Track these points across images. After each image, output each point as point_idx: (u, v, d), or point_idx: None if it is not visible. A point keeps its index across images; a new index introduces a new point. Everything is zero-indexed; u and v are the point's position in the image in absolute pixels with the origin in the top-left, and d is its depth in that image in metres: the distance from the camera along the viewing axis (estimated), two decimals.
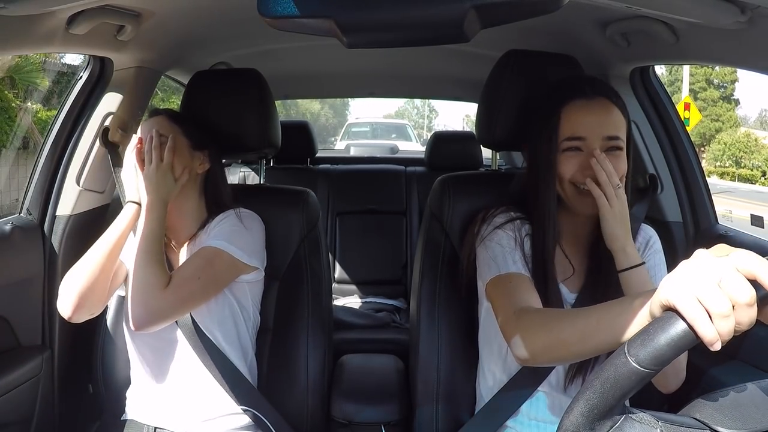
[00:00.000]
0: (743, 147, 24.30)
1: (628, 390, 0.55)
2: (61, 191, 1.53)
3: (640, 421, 0.57)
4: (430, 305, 1.28)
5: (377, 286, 2.57)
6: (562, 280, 1.13)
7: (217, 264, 1.19)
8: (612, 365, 0.55)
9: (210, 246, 1.20)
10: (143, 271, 1.14)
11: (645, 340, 0.54)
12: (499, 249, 1.09)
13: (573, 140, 1.06)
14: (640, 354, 0.54)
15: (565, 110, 1.08)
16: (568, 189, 1.07)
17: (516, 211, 1.15)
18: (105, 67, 1.52)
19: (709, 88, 28.56)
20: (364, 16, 0.78)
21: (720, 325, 0.53)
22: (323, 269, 1.40)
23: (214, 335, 1.24)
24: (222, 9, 1.50)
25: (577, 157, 1.06)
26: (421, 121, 45.87)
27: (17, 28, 1.07)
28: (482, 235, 1.13)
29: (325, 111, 30.12)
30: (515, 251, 1.09)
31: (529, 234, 1.12)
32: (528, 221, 1.13)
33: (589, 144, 1.05)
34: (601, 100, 1.07)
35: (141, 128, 1.28)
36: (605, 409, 0.56)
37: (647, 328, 0.56)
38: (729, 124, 27.82)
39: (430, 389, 1.25)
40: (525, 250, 1.10)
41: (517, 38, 1.52)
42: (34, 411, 1.43)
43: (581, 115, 1.06)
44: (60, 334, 1.51)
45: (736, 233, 1.48)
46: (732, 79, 28.21)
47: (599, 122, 1.06)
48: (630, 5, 1.07)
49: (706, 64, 1.74)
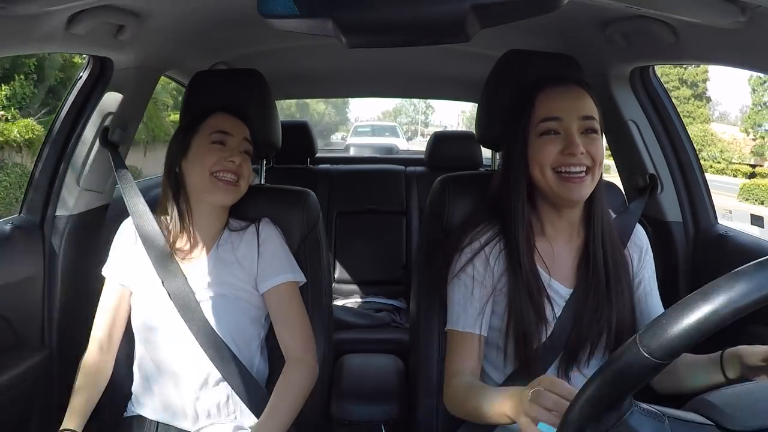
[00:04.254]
0: (701, 141, 27.73)
1: (638, 381, 0.54)
2: (61, 191, 1.53)
3: (647, 414, 0.56)
4: (430, 305, 1.28)
5: (377, 286, 2.56)
6: (556, 277, 1.13)
7: (296, 293, 1.30)
8: (623, 356, 0.55)
9: (282, 284, 1.28)
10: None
11: (657, 331, 0.54)
12: (460, 297, 1.13)
13: (549, 121, 1.07)
14: (653, 344, 0.53)
15: (539, 96, 1.09)
16: (551, 177, 1.07)
17: (491, 220, 1.15)
18: (105, 67, 1.52)
19: (681, 87, 30.50)
20: (365, 16, 0.78)
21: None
22: (323, 269, 1.40)
23: (227, 335, 1.23)
24: (222, 9, 1.50)
25: (555, 141, 1.07)
26: (418, 117, 46.21)
27: (17, 28, 1.07)
28: (452, 271, 1.15)
29: (329, 110, 33.37)
30: (473, 301, 1.12)
31: (502, 249, 1.12)
32: (498, 227, 1.14)
33: (566, 125, 1.06)
34: (575, 87, 1.09)
35: (222, 122, 1.27)
36: (613, 400, 0.55)
37: (659, 319, 0.55)
38: (700, 120, 30.18)
39: (430, 389, 1.25)
40: (495, 271, 1.12)
41: (517, 38, 1.52)
42: (34, 411, 1.43)
43: (555, 97, 1.08)
44: (60, 334, 1.51)
45: (735, 233, 1.49)
46: (703, 78, 30.09)
47: (574, 104, 1.07)
48: (630, 5, 1.06)
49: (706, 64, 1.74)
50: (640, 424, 0.56)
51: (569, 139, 1.05)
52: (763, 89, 27.55)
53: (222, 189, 1.24)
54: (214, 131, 1.26)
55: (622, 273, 1.14)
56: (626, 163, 1.64)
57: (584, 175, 1.06)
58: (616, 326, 1.11)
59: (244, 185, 1.27)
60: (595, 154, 1.06)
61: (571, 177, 1.05)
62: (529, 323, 1.08)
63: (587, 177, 1.06)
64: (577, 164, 1.05)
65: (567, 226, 1.15)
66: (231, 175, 1.23)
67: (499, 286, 1.13)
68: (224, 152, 1.24)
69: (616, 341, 1.11)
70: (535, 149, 1.08)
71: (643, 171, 1.58)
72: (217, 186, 1.23)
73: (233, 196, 1.26)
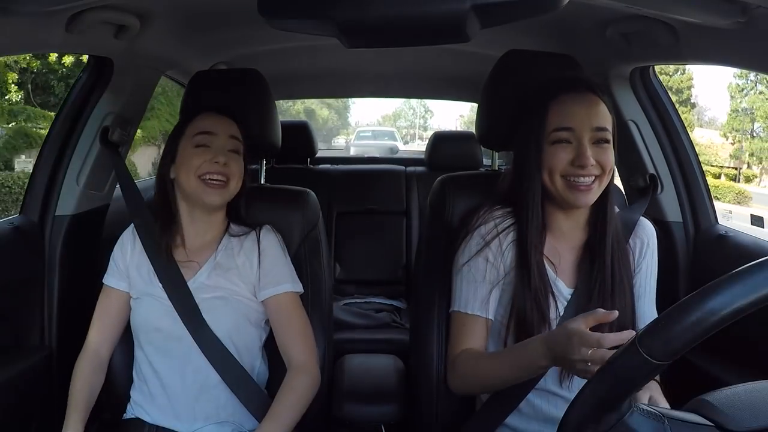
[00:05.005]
0: None
1: (638, 382, 0.54)
2: (61, 191, 1.53)
3: (646, 415, 0.56)
4: (430, 305, 1.28)
5: (377, 286, 2.56)
6: (560, 276, 1.14)
7: (297, 302, 1.29)
8: (622, 357, 0.55)
9: (280, 294, 1.26)
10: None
11: (657, 332, 0.54)
12: (470, 279, 1.14)
13: (561, 131, 1.08)
14: (652, 345, 0.53)
15: (553, 103, 1.09)
16: (559, 183, 1.08)
17: (502, 209, 1.16)
18: (105, 67, 1.52)
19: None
20: (365, 17, 0.78)
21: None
22: (323, 269, 1.40)
23: (226, 339, 1.23)
24: (222, 9, 1.50)
25: (566, 150, 1.07)
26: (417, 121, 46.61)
27: (17, 28, 1.07)
28: (463, 254, 1.16)
29: (331, 115, 36.13)
30: (484, 284, 1.13)
31: (514, 238, 1.13)
32: (513, 218, 1.14)
33: (578, 135, 1.07)
34: (589, 95, 1.09)
35: (205, 122, 1.24)
36: (613, 401, 0.55)
37: (659, 320, 0.55)
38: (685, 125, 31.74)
39: (430, 389, 1.25)
40: (506, 261, 1.13)
41: (517, 38, 1.52)
42: (34, 411, 1.43)
43: (570, 107, 1.08)
44: (60, 334, 1.51)
45: (735, 233, 1.48)
46: (688, 86, 30.56)
47: (587, 114, 1.07)
48: (630, 5, 1.07)
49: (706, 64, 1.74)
50: (640, 424, 0.56)
51: (580, 151, 1.06)
52: (741, 96, 28.26)
53: (210, 192, 1.22)
54: (197, 133, 1.23)
55: (625, 274, 1.14)
56: (626, 163, 1.64)
57: (591, 184, 1.07)
58: (616, 328, 1.11)
59: (235, 184, 1.25)
60: (605, 163, 1.07)
61: (579, 185, 1.06)
62: (531, 322, 1.09)
63: (594, 184, 1.07)
64: (586, 175, 1.06)
65: (573, 226, 1.15)
66: (218, 176, 1.21)
67: (507, 279, 1.13)
68: (208, 154, 1.21)
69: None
70: (547, 156, 1.09)
71: (643, 171, 1.58)
72: (206, 189, 1.21)
73: (223, 197, 1.24)
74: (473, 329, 1.14)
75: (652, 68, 1.58)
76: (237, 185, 1.26)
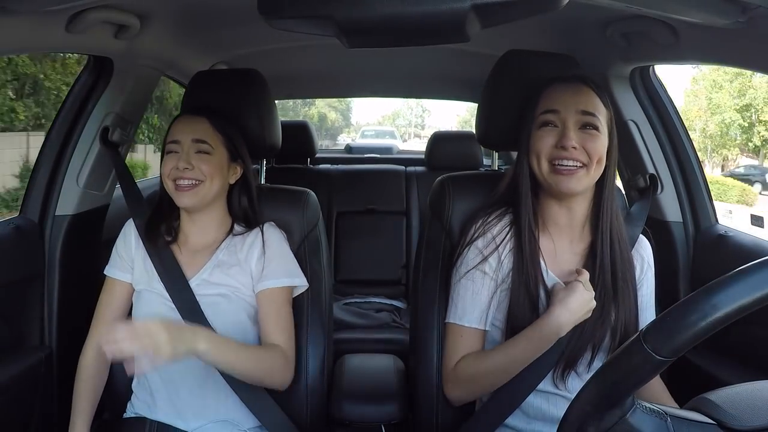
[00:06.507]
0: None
1: (641, 379, 0.54)
2: (61, 191, 1.53)
3: (649, 413, 0.56)
4: (430, 305, 1.28)
5: (377, 286, 2.56)
6: (557, 273, 1.13)
7: (289, 299, 1.30)
8: (626, 353, 0.55)
9: (276, 288, 1.26)
10: (261, 380, 1.21)
11: (662, 328, 0.53)
12: (467, 293, 1.14)
13: (547, 113, 1.09)
14: (657, 341, 0.53)
15: (544, 91, 1.12)
16: (545, 167, 1.09)
17: (499, 215, 1.16)
18: (105, 67, 1.52)
19: None
20: (365, 16, 0.78)
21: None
22: (323, 269, 1.40)
23: (227, 336, 1.22)
24: (222, 9, 1.50)
25: (551, 133, 1.08)
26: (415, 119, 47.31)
27: (17, 28, 1.07)
28: (461, 266, 1.16)
29: (336, 116, 39.07)
30: (481, 297, 1.13)
31: (512, 248, 1.13)
32: (510, 219, 1.15)
33: (563, 117, 1.07)
34: (578, 83, 1.11)
35: (175, 128, 1.25)
36: (616, 398, 0.55)
37: (664, 316, 0.54)
38: None
39: (430, 389, 1.25)
40: (503, 270, 1.13)
41: (517, 38, 1.52)
42: (34, 411, 1.43)
43: (557, 92, 1.10)
44: (60, 334, 1.51)
45: (735, 233, 1.48)
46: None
47: (574, 97, 1.08)
48: (630, 5, 1.06)
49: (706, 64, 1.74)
50: (642, 422, 0.56)
51: (563, 132, 1.07)
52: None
53: (180, 195, 1.23)
54: (169, 141, 1.25)
55: (628, 274, 1.13)
56: (626, 163, 1.64)
57: (576, 169, 1.06)
58: (622, 330, 1.10)
59: (210, 183, 1.24)
60: (591, 150, 1.06)
61: (562, 169, 1.06)
62: (523, 315, 1.09)
63: (580, 171, 1.07)
64: (569, 158, 1.06)
65: (569, 223, 1.14)
66: (185, 180, 1.22)
67: (503, 286, 1.13)
68: (174, 160, 1.23)
69: (620, 345, 1.10)
70: (534, 140, 1.10)
71: (643, 171, 1.58)
72: (176, 193, 1.23)
73: (196, 198, 1.24)
74: (470, 340, 1.15)
75: (652, 68, 1.59)
76: (214, 184, 1.25)
